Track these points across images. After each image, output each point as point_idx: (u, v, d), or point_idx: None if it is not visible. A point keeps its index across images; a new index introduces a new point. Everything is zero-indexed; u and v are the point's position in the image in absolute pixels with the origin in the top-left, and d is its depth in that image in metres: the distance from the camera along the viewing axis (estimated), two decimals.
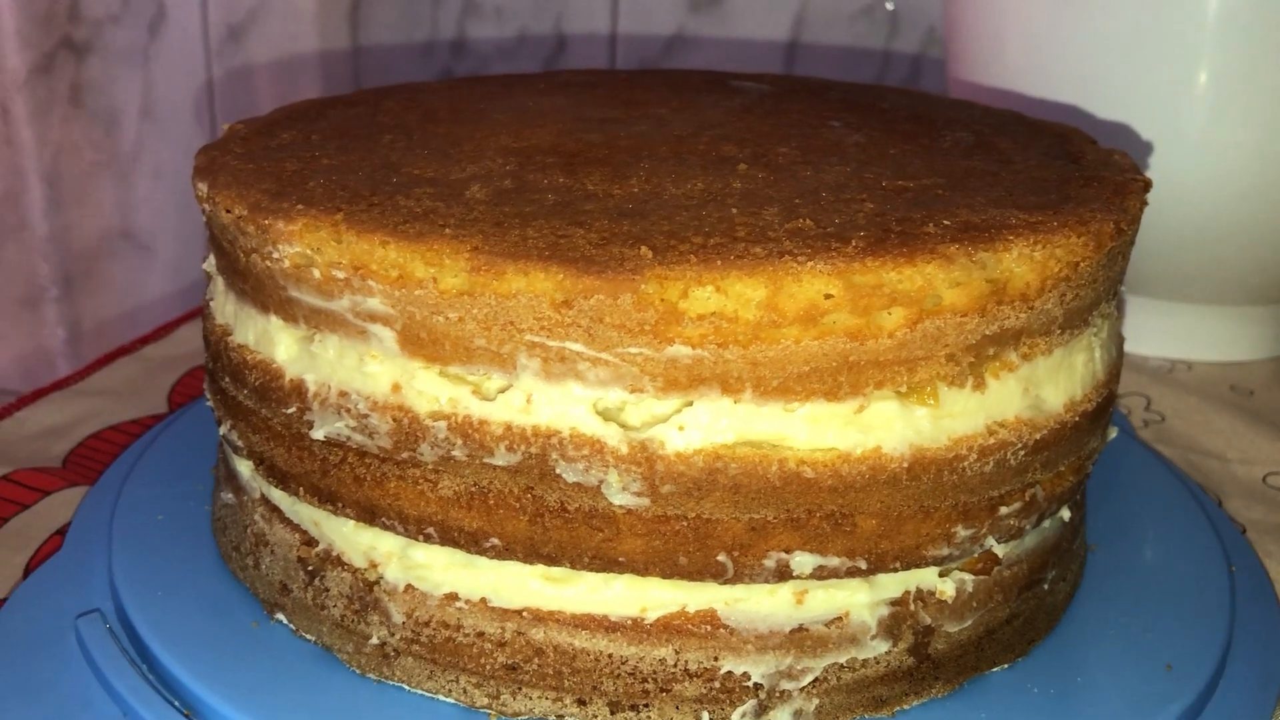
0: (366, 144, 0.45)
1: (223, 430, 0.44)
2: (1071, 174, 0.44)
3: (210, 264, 0.44)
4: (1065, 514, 0.44)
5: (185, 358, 0.71)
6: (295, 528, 0.42)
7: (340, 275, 0.36)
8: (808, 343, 0.35)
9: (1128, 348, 0.74)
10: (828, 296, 0.34)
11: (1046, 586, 0.43)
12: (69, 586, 0.45)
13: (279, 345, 0.39)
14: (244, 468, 0.44)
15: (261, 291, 0.39)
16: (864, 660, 0.39)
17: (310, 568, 0.41)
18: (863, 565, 0.37)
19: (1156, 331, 0.74)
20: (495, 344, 0.35)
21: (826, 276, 0.34)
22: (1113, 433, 0.46)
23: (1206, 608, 0.46)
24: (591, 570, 0.37)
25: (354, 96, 0.54)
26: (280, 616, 0.43)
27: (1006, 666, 0.42)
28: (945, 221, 0.37)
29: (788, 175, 0.42)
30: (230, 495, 0.45)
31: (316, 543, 0.41)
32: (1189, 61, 0.64)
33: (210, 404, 0.45)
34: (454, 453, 0.37)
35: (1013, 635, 0.42)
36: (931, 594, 0.39)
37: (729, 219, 0.37)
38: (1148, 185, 0.43)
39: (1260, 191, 0.66)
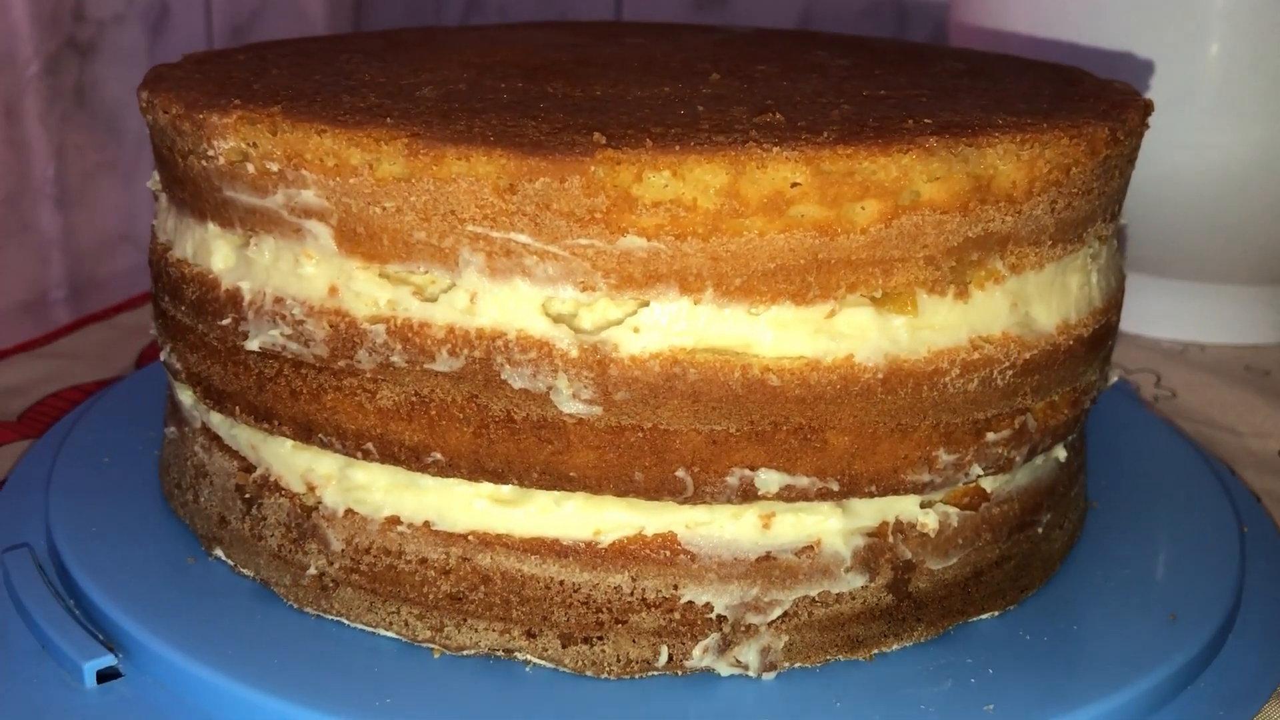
0: (322, 61, 0.43)
1: (163, 355, 0.41)
2: (1068, 92, 0.41)
3: (155, 181, 0.42)
4: (1060, 454, 0.41)
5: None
6: (234, 454, 0.39)
7: (274, 168, 0.34)
8: (773, 236, 0.32)
9: (1139, 329, 0.71)
10: (794, 185, 0.32)
11: (1040, 531, 0.40)
12: (2, 525, 0.43)
13: (216, 254, 0.37)
14: (186, 397, 0.42)
15: (199, 197, 0.37)
16: (838, 595, 0.36)
17: (248, 495, 0.39)
18: (834, 487, 0.34)
19: (1168, 312, 0.71)
20: (436, 237, 0.33)
21: (793, 163, 0.32)
22: (1114, 376, 0.43)
23: (1215, 563, 0.43)
24: (541, 487, 0.34)
25: (323, 36, 0.52)
26: (218, 552, 0.40)
27: (996, 614, 0.39)
28: (926, 120, 0.35)
29: (763, 85, 0.40)
30: (173, 429, 0.43)
31: (254, 468, 0.39)
32: (1201, 34, 0.62)
33: (153, 331, 0.43)
34: (393, 359, 0.34)
35: (1003, 580, 0.39)
36: (912, 526, 0.36)
37: (694, 114, 0.35)
38: (1148, 105, 0.41)
39: (1274, 168, 0.63)
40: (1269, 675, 0.38)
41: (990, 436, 0.36)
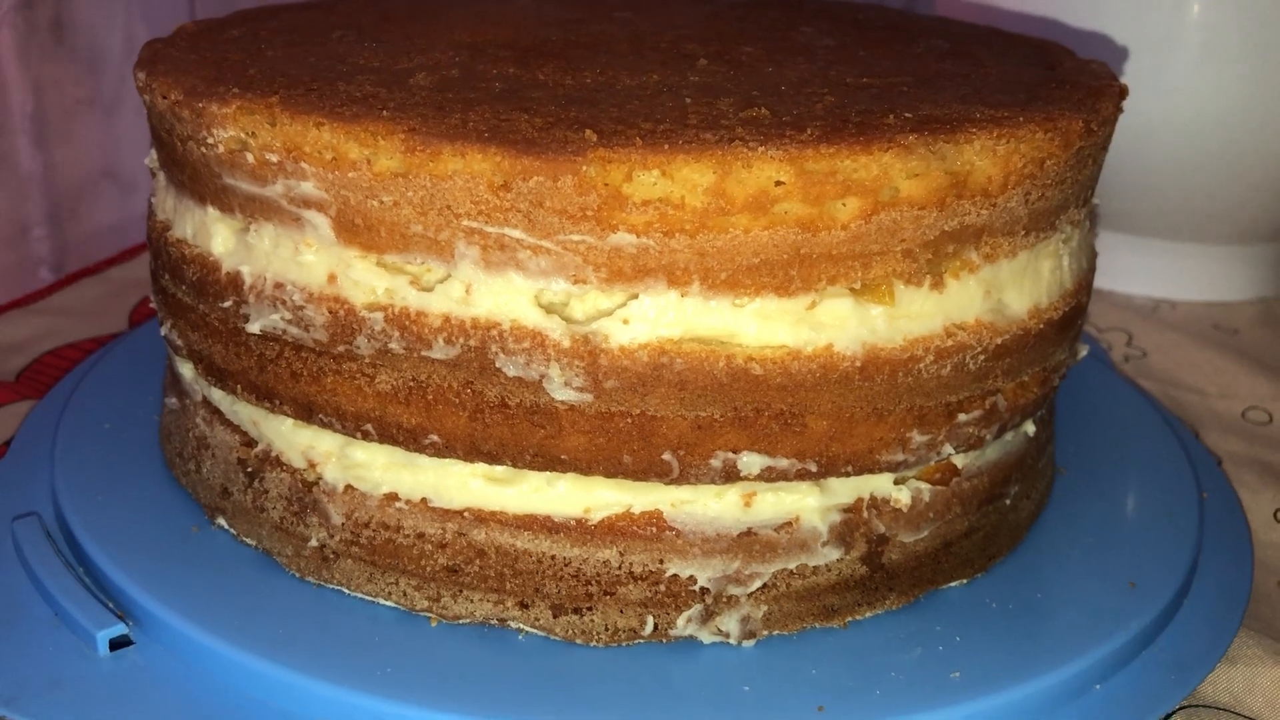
0: (315, 39, 0.43)
1: (163, 330, 0.42)
2: (1045, 78, 0.42)
3: (152, 159, 0.42)
4: (1029, 428, 0.42)
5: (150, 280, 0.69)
6: (235, 429, 0.41)
7: (273, 159, 0.35)
8: (757, 233, 0.33)
9: (1112, 286, 0.72)
10: (778, 183, 0.33)
11: (1008, 502, 0.42)
12: (9, 492, 0.44)
13: (216, 237, 0.38)
14: (186, 370, 0.43)
15: (198, 181, 0.38)
16: (814, 567, 0.38)
17: (250, 469, 0.40)
18: (813, 468, 0.36)
19: (1141, 270, 0.73)
20: (432, 230, 0.34)
21: (778, 162, 0.33)
22: (1083, 350, 0.45)
23: (1174, 530, 0.45)
24: (534, 469, 0.36)
25: (314, 1, 0.52)
26: (221, 521, 0.41)
27: (964, 582, 0.41)
28: (906, 114, 0.36)
29: (749, 71, 0.41)
30: (174, 400, 0.44)
31: (256, 443, 0.40)
32: None
33: (153, 304, 0.44)
34: (391, 345, 0.35)
35: (971, 550, 0.41)
36: (886, 502, 0.38)
37: (682, 107, 0.36)
38: (1123, 91, 0.42)
39: (1248, 127, 0.64)
40: (1219, 639, 0.40)
41: (962, 417, 0.38)
